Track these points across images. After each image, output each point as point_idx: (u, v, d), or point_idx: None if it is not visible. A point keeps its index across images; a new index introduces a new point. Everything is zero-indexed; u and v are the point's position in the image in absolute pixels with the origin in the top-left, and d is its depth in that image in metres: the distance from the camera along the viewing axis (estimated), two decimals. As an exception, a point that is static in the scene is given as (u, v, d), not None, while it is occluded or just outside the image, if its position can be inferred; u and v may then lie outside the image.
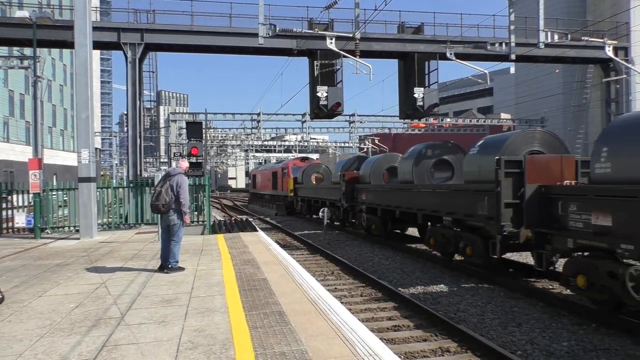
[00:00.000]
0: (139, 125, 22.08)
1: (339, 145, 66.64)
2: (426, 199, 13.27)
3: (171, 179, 8.51)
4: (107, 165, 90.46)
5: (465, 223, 11.21)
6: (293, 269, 8.65)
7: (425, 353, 6.40)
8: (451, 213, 11.71)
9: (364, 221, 18.23)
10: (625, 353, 6.20)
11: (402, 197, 14.92)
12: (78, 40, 13.80)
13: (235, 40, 23.12)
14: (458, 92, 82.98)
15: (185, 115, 50.84)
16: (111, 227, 15.82)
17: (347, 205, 19.95)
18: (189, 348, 4.64)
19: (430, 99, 22.83)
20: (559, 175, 9.22)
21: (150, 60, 29.82)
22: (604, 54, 24.57)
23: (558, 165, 9.30)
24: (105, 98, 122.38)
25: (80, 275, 8.37)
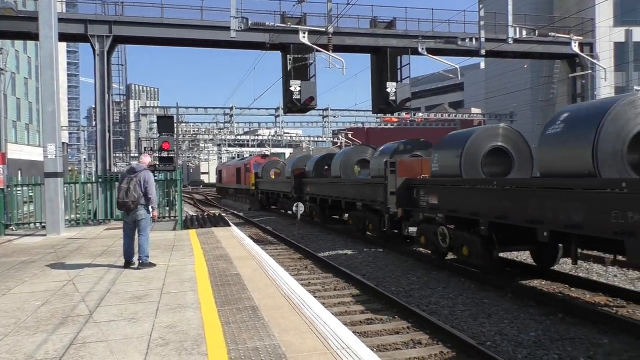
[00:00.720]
0: (107, 119, 21.63)
1: (313, 140, 66.62)
2: (347, 190, 17.23)
3: (137, 175, 8.39)
4: (74, 160, 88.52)
5: (370, 207, 15.28)
6: (266, 263, 8.62)
7: (397, 345, 6.46)
8: (362, 200, 15.77)
9: (307, 209, 21.15)
10: (590, 342, 6.38)
11: (332, 189, 18.77)
12: (43, 32, 13.41)
13: (206, 33, 22.84)
14: (429, 87, 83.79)
15: (156, 109, 50.04)
16: (79, 223, 15.49)
17: (296, 196, 22.92)
18: (159, 344, 4.58)
19: (403, 94, 23.00)
20: (419, 172, 13.31)
21: (119, 53, 29.20)
22: (570, 50, 25.14)
23: (419, 165, 13.53)
24: (72, 91, 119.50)
25: (47, 273, 8.17)
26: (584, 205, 6.87)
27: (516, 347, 6.30)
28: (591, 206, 6.74)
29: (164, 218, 16.08)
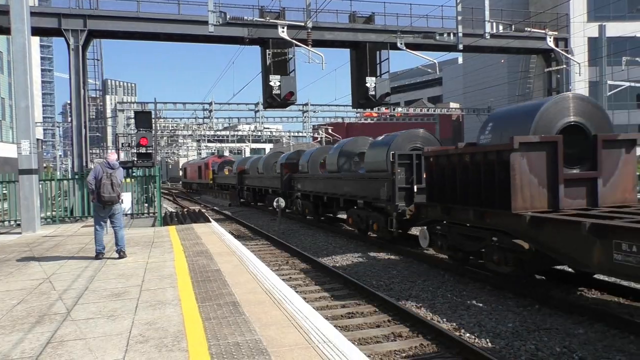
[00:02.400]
0: (83, 115, 21.23)
1: (293, 135, 66.50)
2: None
3: (115, 171, 8.87)
4: (50, 156, 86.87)
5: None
6: (247, 259, 8.60)
7: (378, 339, 6.51)
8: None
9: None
10: (566, 332, 6.52)
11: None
12: (15, 25, 13.12)
13: (184, 27, 22.54)
14: (409, 82, 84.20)
15: (133, 105, 49.33)
16: (56, 220, 15.23)
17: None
18: (139, 342, 4.54)
19: (382, 89, 23.06)
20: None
21: (94, 47, 28.70)
22: (546, 45, 25.51)
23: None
24: (46, 87, 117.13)
25: (23, 271, 8.02)
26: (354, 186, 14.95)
27: (494, 338, 6.40)
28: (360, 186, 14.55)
29: (142, 215, 15.91)
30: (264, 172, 27.43)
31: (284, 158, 24.45)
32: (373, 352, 5.98)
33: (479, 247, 9.18)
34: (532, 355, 5.82)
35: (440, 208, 10.15)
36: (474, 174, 9.09)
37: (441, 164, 10.25)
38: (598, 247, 6.42)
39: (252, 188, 30.15)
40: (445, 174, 10.06)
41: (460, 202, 9.46)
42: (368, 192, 14.39)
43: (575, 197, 8.25)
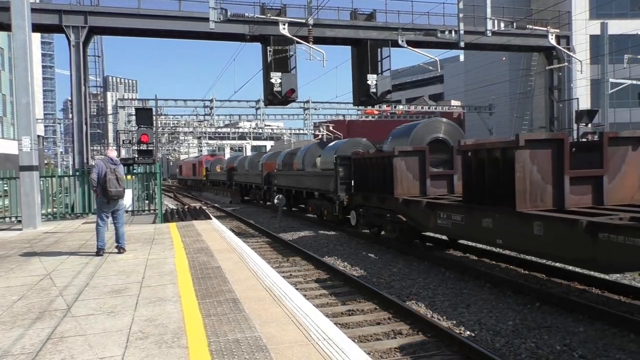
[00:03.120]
0: (84, 111, 21.25)
1: (294, 132, 66.42)
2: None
3: (117, 166, 8.91)
4: (51, 153, 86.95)
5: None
6: (248, 256, 8.60)
7: (378, 336, 6.51)
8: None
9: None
10: (566, 330, 6.52)
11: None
12: (15, 22, 13.10)
13: (185, 24, 22.52)
14: (410, 80, 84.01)
15: (134, 102, 49.23)
16: (56, 217, 15.25)
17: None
18: (139, 338, 4.54)
19: (383, 86, 23.04)
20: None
21: (95, 44, 28.69)
22: (547, 42, 25.47)
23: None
24: (47, 83, 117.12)
25: (23, 267, 8.03)
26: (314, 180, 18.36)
27: (494, 336, 6.40)
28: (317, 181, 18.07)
29: (143, 211, 15.92)
30: (249, 170, 31.61)
31: (264, 158, 28.96)
32: (373, 350, 5.98)
33: (382, 222, 13.21)
34: (532, 354, 5.81)
35: (360, 196, 14.74)
36: (377, 171, 13.42)
37: (361, 164, 14.82)
38: (431, 217, 10.60)
39: (239, 183, 34.55)
40: (363, 171, 14.61)
41: (371, 191, 13.87)
42: (321, 186, 18.20)
43: (438, 187, 12.44)
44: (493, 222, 8.56)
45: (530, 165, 8.03)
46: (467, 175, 9.48)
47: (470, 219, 9.20)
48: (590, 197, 8.23)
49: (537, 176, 8.07)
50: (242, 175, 33.58)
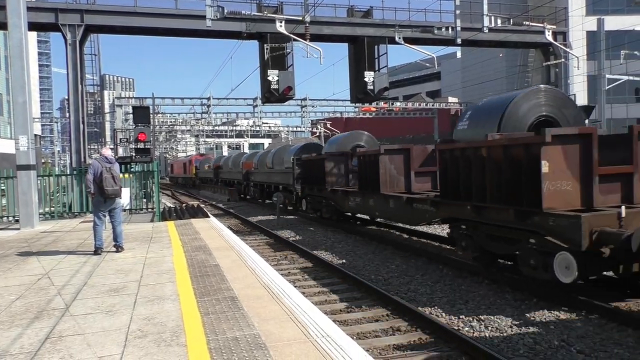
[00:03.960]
0: (81, 110, 21.18)
1: (292, 130, 66.36)
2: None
3: (112, 165, 8.92)
4: (48, 152, 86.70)
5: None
6: (246, 254, 8.61)
7: (376, 333, 6.53)
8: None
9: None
10: (564, 325, 6.54)
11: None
12: (11, 20, 13.06)
13: (181, 22, 22.45)
14: (407, 77, 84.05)
15: (131, 100, 49.20)
16: (54, 216, 15.23)
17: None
18: (138, 337, 4.54)
19: (381, 83, 23.01)
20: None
21: (92, 42, 28.63)
22: (544, 39, 25.45)
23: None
24: (44, 82, 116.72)
25: (21, 267, 8.02)
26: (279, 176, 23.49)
27: (493, 332, 6.42)
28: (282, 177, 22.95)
29: (141, 210, 15.91)
30: (232, 168, 36.44)
31: (244, 158, 33.96)
32: (372, 347, 6.00)
33: (321, 207, 17.83)
34: (530, 349, 5.83)
35: (308, 188, 18.99)
36: (317, 169, 17.61)
37: (308, 164, 19.14)
38: (346, 200, 15.11)
39: (224, 180, 39.43)
40: (309, 170, 18.80)
41: (314, 184, 18.08)
42: (285, 181, 22.77)
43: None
44: (373, 201, 13.40)
45: (389, 164, 13.00)
46: (360, 172, 14.71)
47: (364, 201, 14.11)
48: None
49: (393, 172, 13.04)
50: (226, 173, 38.60)
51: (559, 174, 7.38)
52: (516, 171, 7.81)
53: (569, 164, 7.50)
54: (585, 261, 6.74)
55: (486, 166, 8.46)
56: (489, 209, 8.36)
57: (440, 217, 10.31)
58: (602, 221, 6.81)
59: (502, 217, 8.12)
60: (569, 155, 7.48)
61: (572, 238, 6.74)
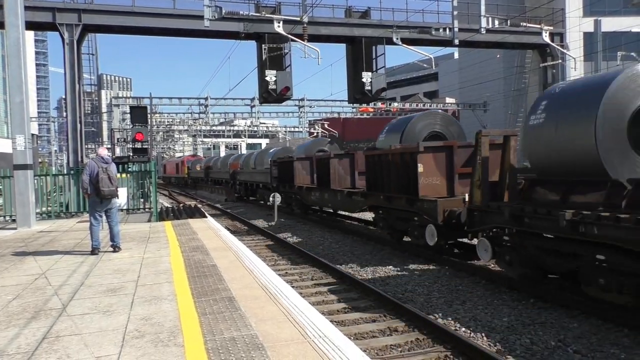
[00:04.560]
0: (78, 110, 21.17)
1: (289, 130, 66.31)
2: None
3: (109, 165, 8.88)
4: (45, 152, 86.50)
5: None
6: (243, 254, 8.61)
7: (374, 333, 6.54)
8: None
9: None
10: (560, 326, 6.56)
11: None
12: (9, 20, 13.03)
13: (179, 22, 22.44)
14: (404, 77, 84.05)
15: (128, 100, 49.02)
16: (51, 216, 15.20)
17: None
18: (135, 337, 4.54)
19: (378, 84, 23.05)
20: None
21: (89, 42, 28.54)
22: (541, 40, 25.55)
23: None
24: (41, 82, 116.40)
25: (18, 267, 8.00)
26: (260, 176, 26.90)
27: (490, 332, 6.44)
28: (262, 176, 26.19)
29: (138, 210, 15.89)
30: (221, 168, 39.56)
31: (232, 159, 37.52)
32: (369, 347, 6.00)
33: (292, 201, 21.12)
34: (527, 349, 5.85)
35: (281, 186, 22.07)
36: (288, 170, 20.92)
37: (281, 165, 22.47)
38: (309, 195, 18.65)
39: (213, 179, 42.35)
40: (283, 170, 22.01)
41: (286, 182, 21.34)
42: (264, 180, 25.89)
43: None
44: (327, 195, 16.98)
45: (338, 166, 16.84)
46: (317, 173, 18.67)
47: (321, 195, 17.54)
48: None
49: (341, 172, 16.79)
50: (215, 173, 41.79)
51: (430, 173, 10.78)
52: (406, 171, 11.14)
53: (437, 166, 10.84)
54: (442, 230, 10.21)
55: (391, 167, 11.91)
56: (393, 198, 11.80)
57: (368, 205, 13.81)
58: (452, 204, 10.14)
59: (400, 203, 11.47)
60: (437, 160, 10.82)
61: (433, 215, 10.13)
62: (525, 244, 7.80)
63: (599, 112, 6.70)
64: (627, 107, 6.82)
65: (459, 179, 10.75)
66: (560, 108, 7.45)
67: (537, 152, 7.83)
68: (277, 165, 23.09)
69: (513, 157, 8.52)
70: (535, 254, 7.66)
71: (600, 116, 6.68)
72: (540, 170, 8.04)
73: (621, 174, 6.62)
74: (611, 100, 6.76)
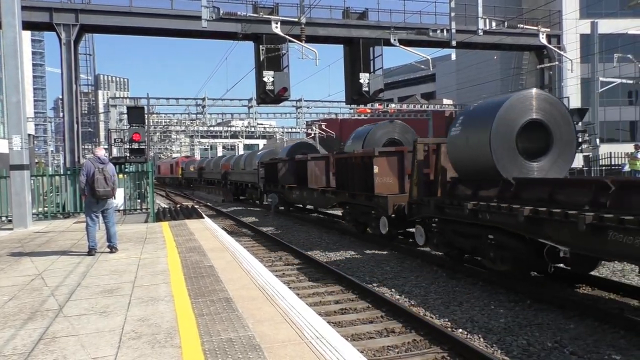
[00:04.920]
0: (75, 110, 21.13)
1: (287, 131, 66.30)
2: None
3: (106, 165, 8.84)
4: (41, 152, 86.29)
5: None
6: (240, 255, 8.59)
7: (371, 334, 6.53)
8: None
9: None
10: (557, 327, 6.57)
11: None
12: (5, 20, 13.00)
13: (177, 22, 22.44)
14: (402, 78, 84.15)
15: (126, 100, 48.89)
16: (47, 216, 15.16)
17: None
18: (132, 338, 4.53)
19: (376, 85, 23.09)
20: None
21: (86, 42, 28.48)
22: (538, 42, 25.60)
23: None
24: (38, 82, 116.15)
25: (14, 267, 7.98)
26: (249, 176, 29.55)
27: (487, 334, 6.44)
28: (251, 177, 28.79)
29: (135, 210, 15.85)
30: (213, 169, 41.40)
31: (223, 160, 39.59)
32: (366, 348, 6.00)
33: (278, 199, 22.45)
34: (524, 351, 5.86)
35: (267, 185, 24.29)
36: (273, 171, 23.01)
37: (268, 166, 24.55)
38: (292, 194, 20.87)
39: (206, 179, 44.35)
40: (269, 170, 24.06)
41: (272, 182, 23.32)
42: (252, 180, 28.12)
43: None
44: (306, 193, 18.88)
45: (314, 167, 18.77)
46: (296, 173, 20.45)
47: (300, 193, 19.61)
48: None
49: (317, 172, 18.61)
50: (208, 173, 43.73)
51: (384, 173, 13.01)
52: (365, 172, 13.48)
53: (390, 168, 13.04)
54: (392, 221, 12.44)
55: (354, 169, 14.32)
56: (356, 195, 14.16)
57: (337, 201, 16.17)
58: (401, 199, 12.02)
59: (361, 199, 13.82)
60: (390, 163, 13.07)
61: (385, 208, 12.34)
62: (445, 229, 9.88)
63: (493, 126, 8.58)
64: (515, 123, 8.64)
65: (408, 178, 12.07)
66: (470, 123, 9.35)
67: (455, 157, 9.69)
68: (264, 167, 25.13)
69: (444, 160, 10.17)
70: (452, 237, 9.73)
71: (494, 130, 8.56)
72: (459, 171, 9.82)
73: (510, 174, 8.50)
74: (502, 117, 8.60)
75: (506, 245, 8.16)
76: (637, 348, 5.80)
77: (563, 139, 8.83)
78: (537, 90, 9.03)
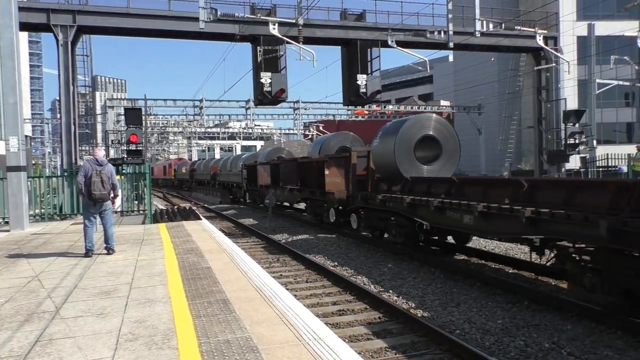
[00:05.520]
0: (73, 111, 21.08)
1: (284, 132, 66.28)
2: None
3: (104, 167, 8.76)
4: (38, 153, 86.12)
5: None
6: (238, 256, 8.58)
7: (369, 335, 6.53)
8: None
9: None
10: (554, 328, 6.58)
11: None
12: (2, 21, 12.96)
13: (174, 24, 22.42)
14: (399, 80, 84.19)
15: (123, 101, 48.83)
16: (44, 218, 15.11)
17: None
18: (129, 340, 4.52)
19: (373, 86, 23.10)
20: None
21: (84, 43, 28.50)
22: (535, 43, 25.67)
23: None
24: (35, 83, 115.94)
25: (11, 269, 7.95)
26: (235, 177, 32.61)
27: (484, 335, 6.45)
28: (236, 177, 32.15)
29: (132, 212, 15.82)
30: (203, 170, 44.37)
31: (212, 162, 42.56)
32: (364, 349, 6.00)
33: (256, 197, 27.06)
34: (521, 351, 5.87)
35: (249, 184, 27.77)
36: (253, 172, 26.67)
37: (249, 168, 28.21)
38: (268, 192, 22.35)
39: (197, 180, 47.29)
40: (250, 172, 27.58)
41: (251, 182, 27.10)
42: (237, 180, 31.27)
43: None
44: (279, 191, 21.41)
45: (285, 169, 21.09)
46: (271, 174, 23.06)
47: (275, 191, 21.80)
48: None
49: (287, 173, 20.65)
50: (199, 174, 46.63)
51: (333, 175, 15.88)
52: (319, 173, 16.64)
53: (338, 170, 15.81)
54: (338, 212, 15.74)
55: (312, 171, 17.66)
56: (314, 192, 17.16)
57: (301, 197, 19.40)
58: (344, 195, 15.02)
59: (317, 195, 16.92)
60: (338, 166, 15.85)
61: (333, 202, 15.56)
62: (369, 215, 13.53)
63: (396, 139, 12.44)
64: (413, 137, 12.55)
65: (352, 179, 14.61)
66: (385, 137, 13.17)
67: (376, 161, 13.74)
68: (247, 169, 28.91)
69: (372, 164, 14.03)
70: (373, 221, 13.34)
71: (397, 142, 12.41)
72: (379, 172, 13.66)
73: (409, 174, 12.36)
74: (403, 133, 12.50)
75: (401, 224, 11.70)
76: (634, 349, 5.82)
77: (449, 150, 12.66)
78: (434, 114, 13.28)
